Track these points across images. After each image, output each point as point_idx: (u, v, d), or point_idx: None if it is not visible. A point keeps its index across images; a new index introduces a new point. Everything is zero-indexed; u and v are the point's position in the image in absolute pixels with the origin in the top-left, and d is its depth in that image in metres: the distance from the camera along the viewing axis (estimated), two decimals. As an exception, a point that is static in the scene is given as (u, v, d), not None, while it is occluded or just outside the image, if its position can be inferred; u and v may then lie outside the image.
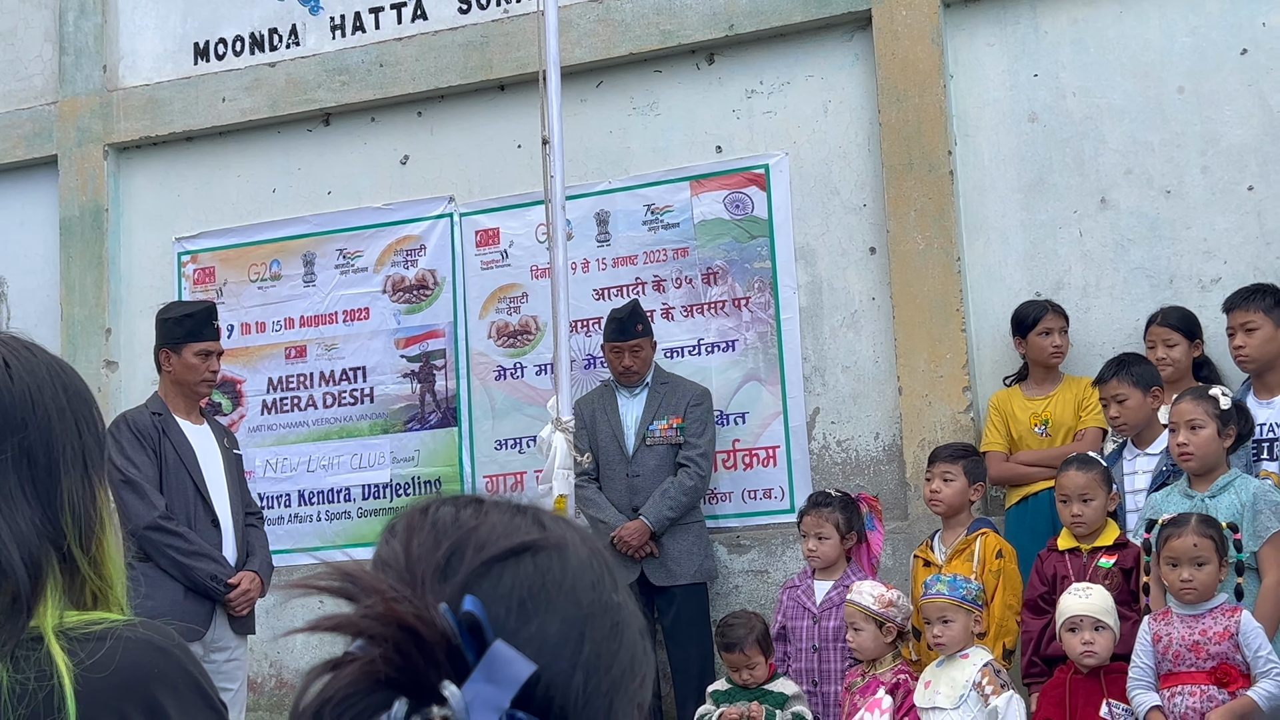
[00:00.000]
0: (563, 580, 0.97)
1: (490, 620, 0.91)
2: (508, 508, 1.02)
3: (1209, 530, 4.49)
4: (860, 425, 6.68)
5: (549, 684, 0.92)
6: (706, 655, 6.14)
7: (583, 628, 0.96)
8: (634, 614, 1.01)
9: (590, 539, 1.05)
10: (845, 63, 6.77)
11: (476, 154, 7.30)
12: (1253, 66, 6.17)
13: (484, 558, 0.96)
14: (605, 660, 0.96)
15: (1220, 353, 5.71)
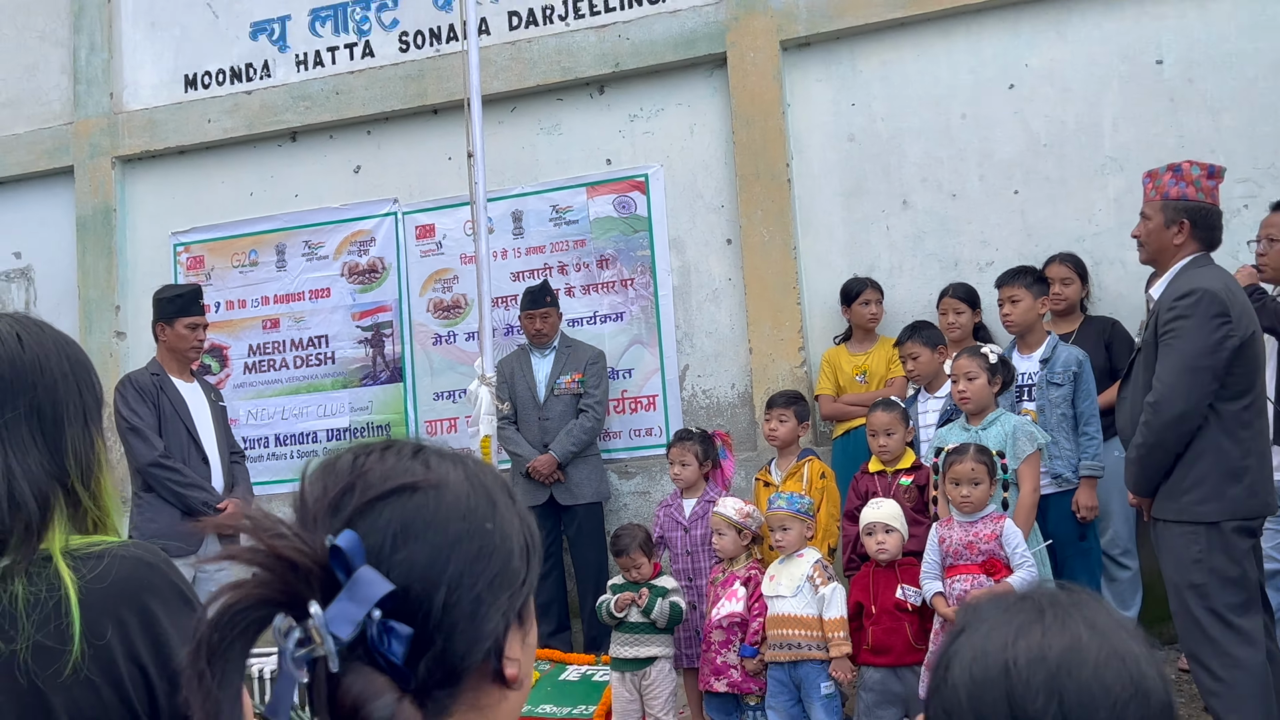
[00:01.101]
0: (434, 514, 0.99)
1: (370, 549, 0.95)
2: (408, 453, 1.05)
3: (982, 457, 4.52)
4: (720, 378, 6.82)
5: (416, 598, 0.95)
6: (602, 559, 6.25)
7: (449, 552, 0.98)
8: (508, 537, 1.03)
9: (478, 476, 1.06)
10: (707, 94, 6.85)
11: (415, 164, 7.31)
12: (1018, 98, 6.32)
13: (367, 497, 0.98)
14: (469, 579, 0.98)
15: (993, 319, 5.82)
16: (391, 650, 0.93)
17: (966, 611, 1.18)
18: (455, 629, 0.97)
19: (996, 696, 1.06)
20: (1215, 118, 6.00)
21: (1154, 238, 4.17)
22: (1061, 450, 5.15)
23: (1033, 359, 5.40)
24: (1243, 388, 3.95)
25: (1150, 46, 6.14)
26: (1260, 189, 5.77)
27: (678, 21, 6.82)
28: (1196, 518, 3.94)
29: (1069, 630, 1.09)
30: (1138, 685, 1.07)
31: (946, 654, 1.13)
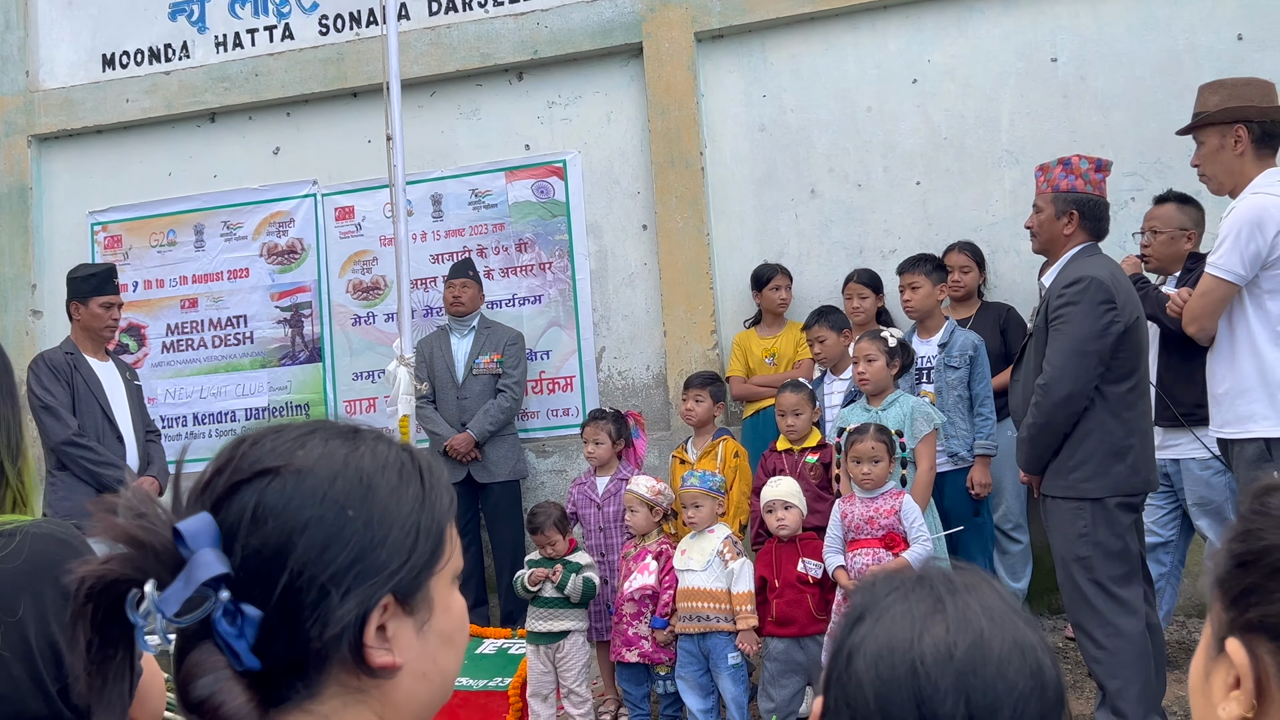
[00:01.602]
0: (287, 500, 0.99)
1: (227, 531, 0.97)
2: (293, 435, 1.06)
3: (882, 436, 4.57)
4: (635, 360, 6.86)
5: (263, 582, 0.97)
6: (519, 535, 6.26)
7: (297, 538, 0.97)
8: (378, 525, 1.00)
9: (361, 461, 1.04)
10: (623, 82, 6.87)
11: (335, 147, 7.23)
12: (920, 93, 6.42)
13: (233, 480, 1.00)
14: (315, 565, 0.97)
15: (895, 304, 5.90)
16: (239, 631, 0.95)
17: (863, 595, 1.17)
18: (300, 614, 0.97)
19: (904, 698, 1.06)
20: (1105, 114, 6.17)
21: (1045, 228, 4.28)
22: (957, 430, 5.27)
23: (931, 343, 5.49)
24: (1127, 371, 4.06)
25: (1046, 45, 6.27)
26: (1146, 183, 5.94)
27: (595, 11, 6.83)
28: (1082, 494, 4.05)
29: (970, 625, 1.10)
30: (1037, 678, 1.09)
31: (846, 644, 1.12)
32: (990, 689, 1.05)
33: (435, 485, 1.08)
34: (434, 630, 1.05)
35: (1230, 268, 3.88)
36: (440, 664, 1.07)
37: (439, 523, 1.06)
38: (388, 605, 1.01)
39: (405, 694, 1.04)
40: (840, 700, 1.10)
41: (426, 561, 1.04)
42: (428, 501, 1.06)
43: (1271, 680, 0.96)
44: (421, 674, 1.04)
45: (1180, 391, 4.84)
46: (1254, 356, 3.89)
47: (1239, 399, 3.93)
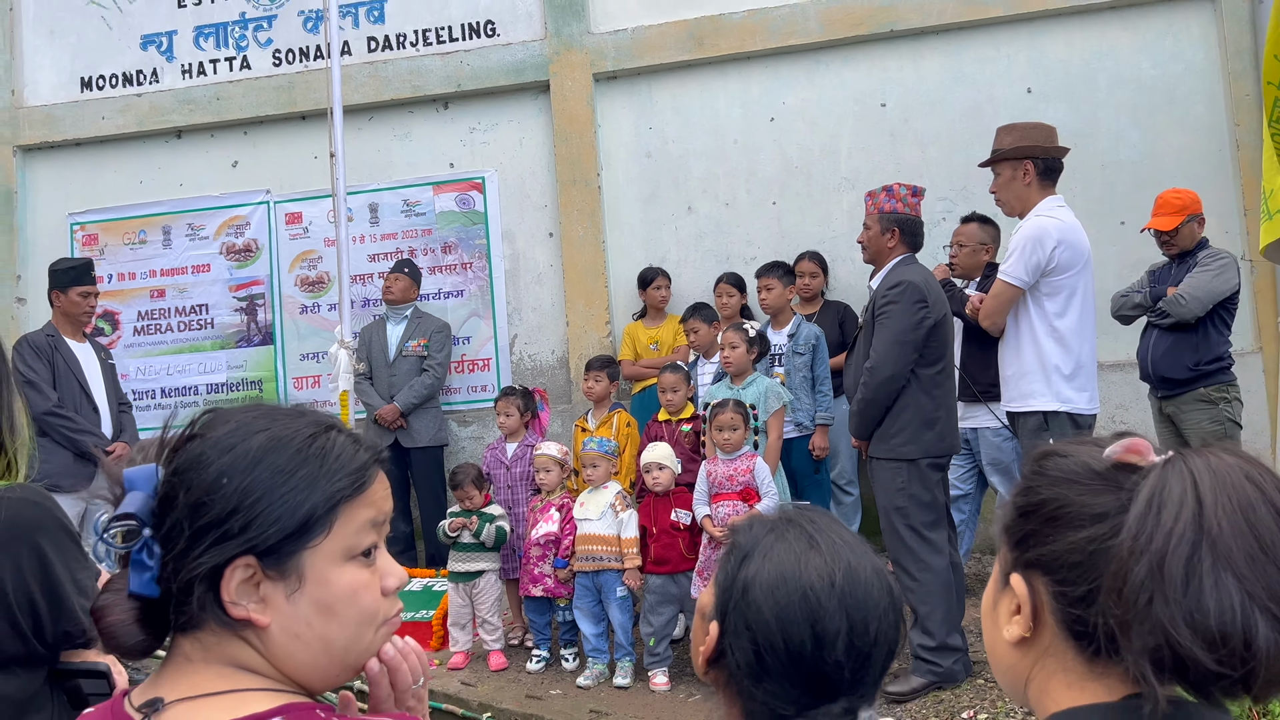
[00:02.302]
0: (191, 463, 0.99)
1: (167, 477, 0.99)
2: (242, 413, 1.05)
3: (739, 409, 4.62)
4: (543, 345, 6.81)
5: (163, 522, 0.98)
6: (441, 493, 6.17)
7: (181, 493, 0.98)
8: (249, 495, 0.97)
9: (267, 441, 1.01)
10: (534, 113, 6.80)
11: (286, 162, 7.01)
12: (777, 129, 6.47)
13: (173, 444, 1.01)
14: (187, 519, 0.97)
15: (754, 302, 5.93)
16: (149, 556, 0.98)
17: (744, 537, 1.20)
18: (175, 555, 0.97)
19: (800, 618, 1.10)
20: (924, 150, 6.31)
21: (873, 242, 4.36)
22: (802, 404, 5.35)
23: (782, 334, 5.56)
24: (936, 357, 4.15)
25: (877, 92, 6.38)
26: (955, 206, 6.09)
27: (509, 53, 6.74)
28: (900, 456, 4.14)
29: (840, 555, 1.15)
30: (890, 595, 1.16)
31: (739, 578, 1.15)
32: (862, 606, 1.12)
33: (330, 474, 1.01)
34: (307, 598, 0.99)
35: (1017, 275, 4.00)
36: (317, 630, 1.00)
37: (315, 504, 0.99)
38: (251, 566, 0.97)
39: (281, 650, 1.00)
40: (740, 624, 1.13)
41: (292, 534, 0.98)
42: (317, 484, 1.00)
43: (1045, 607, 0.99)
44: (295, 635, 0.99)
45: (978, 373, 4.98)
46: (1034, 346, 4.01)
47: (1022, 380, 4.05)
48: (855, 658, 1.11)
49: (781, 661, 1.10)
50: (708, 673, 1.19)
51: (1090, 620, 0.94)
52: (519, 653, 5.20)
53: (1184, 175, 5.81)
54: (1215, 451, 0.93)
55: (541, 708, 4.51)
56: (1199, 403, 4.70)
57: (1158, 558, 0.88)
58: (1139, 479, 0.93)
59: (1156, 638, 0.87)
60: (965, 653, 4.23)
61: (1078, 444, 1.02)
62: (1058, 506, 0.98)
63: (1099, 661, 0.95)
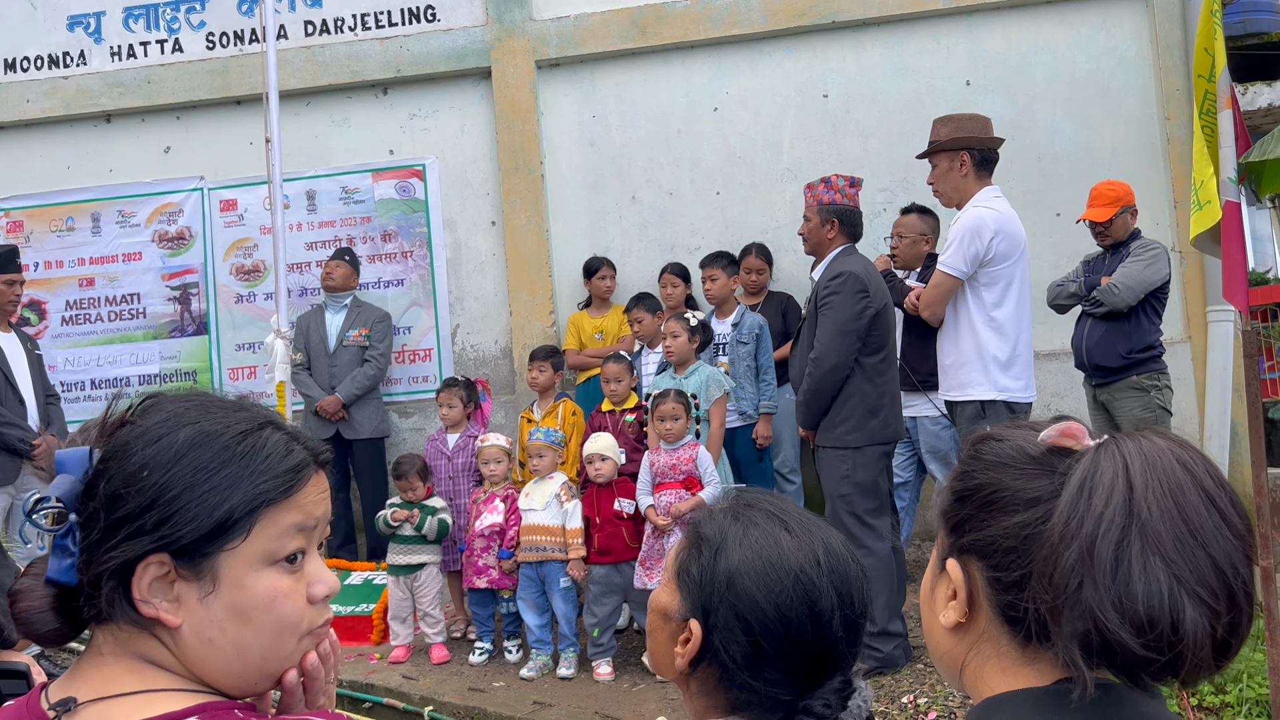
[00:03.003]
0: (118, 450, 0.96)
1: (99, 461, 0.96)
2: (178, 401, 1.01)
3: (681, 399, 4.62)
4: (486, 335, 6.73)
5: (86, 502, 0.95)
6: (382, 485, 6.08)
7: (102, 482, 0.95)
8: (168, 491, 0.94)
9: (191, 437, 0.97)
10: (475, 100, 6.71)
11: (220, 147, 6.84)
12: (720, 118, 6.47)
13: (107, 430, 0.98)
14: (105, 508, 0.94)
15: (699, 292, 5.95)
16: (73, 542, 0.95)
17: (708, 529, 1.18)
18: (89, 545, 0.95)
19: (797, 600, 1.11)
20: (865, 140, 6.35)
21: (813, 234, 4.38)
22: (746, 393, 5.37)
23: (726, 323, 5.57)
24: (878, 346, 4.20)
25: (819, 83, 6.41)
26: (895, 196, 6.15)
27: (450, 39, 6.64)
28: (845, 444, 4.18)
29: (813, 534, 1.17)
30: (859, 564, 1.19)
31: (718, 572, 1.14)
32: (845, 579, 1.14)
33: (255, 474, 0.97)
34: (221, 601, 0.95)
35: (956, 266, 4.04)
36: (231, 635, 0.96)
37: (235, 505, 0.95)
38: (165, 564, 0.93)
39: (193, 652, 0.96)
40: (730, 617, 1.12)
41: (207, 535, 0.94)
42: (239, 485, 0.96)
43: (980, 592, 0.99)
44: (207, 639, 0.95)
45: (918, 363, 5.03)
46: (973, 335, 4.06)
47: (961, 369, 4.10)
48: (849, 630, 1.13)
49: (782, 647, 1.11)
50: (688, 674, 1.17)
51: (1023, 606, 0.94)
52: (461, 645, 5.16)
53: (1117, 167, 5.93)
54: (1148, 435, 0.93)
55: (484, 700, 4.47)
56: (1131, 390, 4.81)
57: (1088, 542, 0.88)
58: (1072, 463, 0.93)
59: (1085, 622, 0.87)
60: (905, 638, 4.28)
61: (1014, 428, 1.02)
62: (993, 491, 0.98)
63: (1031, 646, 0.95)
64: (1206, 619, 0.86)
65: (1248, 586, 0.89)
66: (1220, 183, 2.83)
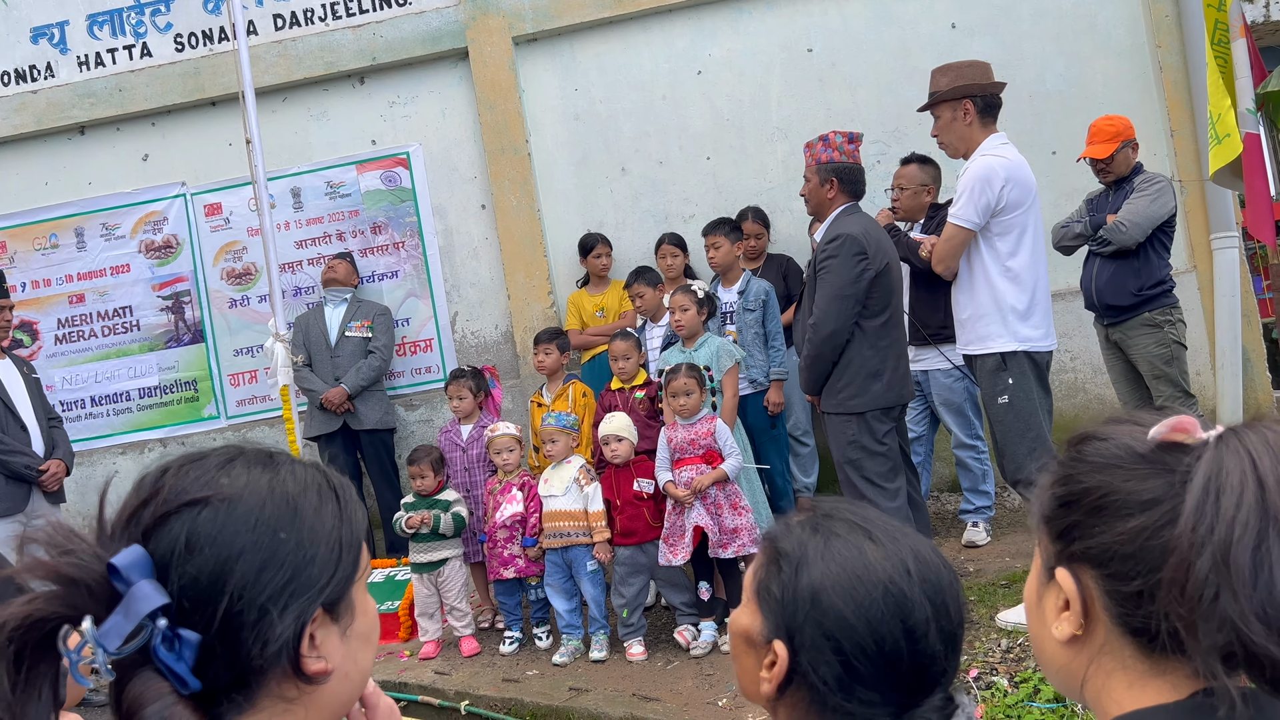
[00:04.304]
0: (221, 527, 0.88)
1: (160, 561, 0.85)
2: (215, 465, 0.94)
3: (693, 373, 4.57)
4: (485, 321, 6.65)
5: (202, 607, 0.86)
6: (394, 478, 6.08)
7: (234, 564, 0.87)
8: (308, 544, 0.91)
9: (284, 485, 0.93)
10: (454, 82, 6.58)
11: (199, 151, 6.70)
12: (705, 82, 6.35)
13: (160, 512, 0.88)
14: (254, 588, 0.87)
15: (699, 261, 5.88)
16: (178, 656, 0.84)
17: (789, 544, 1.12)
18: (240, 634, 0.87)
19: (888, 613, 1.04)
20: (853, 93, 6.24)
21: (814, 195, 4.28)
22: (755, 360, 5.29)
23: (732, 291, 5.48)
24: (880, 308, 4.10)
25: (802, 38, 6.29)
26: (889, 148, 6.06)
27: (424, 21, 6.49)
28: (849, 409, 4.12)
29: (899, 542, 1.10)
30: (950, 568, 1.11)
31: (800, 588, 1.08)
32: (938, 588, 1.07)
33: (350, 501, 0.98)
34: (355, 633, 0.97)
35: (968, 218, 3.96)
36: (360, 663, 0.98)
37: (357, 535, 0.97)
38: (317, 616, 0.92)
39: (330, 695, 0.95)
40: (818, 636, 1.06)
41: (350, 572, 0.95)
42: (345, 516, 0.96)
43: (1095, 602, 0.93)
44: (345, 675, 0.96)
45: (927, 317, 4.97)
46: (989, 287, 3.99)
47: (979, 322, 4.02)
48: (946, 642, 1.07)
49: (875, 665, 1.04)
50: (776, 699, 1.11)
51: (1149, 616, 0.88)
52: (491, 636, 5.13)
53: (1111, 101, 5.83)
54: (1269, 424, 0.87)
55: (520, 690, 4.44)
56: (1145, 327, 4.75)
57: (1222, 549, 0.82)
58: (1190, 460, 0.87)
59: (1227, 635, 0.81)
60: (937, 596, 4.24)
61: (1117, 424, 0.95)
62: (1103, 495, 0.91)
63: (1161, 658, 0.89)
64: None
65: (1395, 578, 0.83)
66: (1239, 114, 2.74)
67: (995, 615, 4.12)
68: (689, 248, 5.94)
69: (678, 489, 4.49)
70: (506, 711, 4.34)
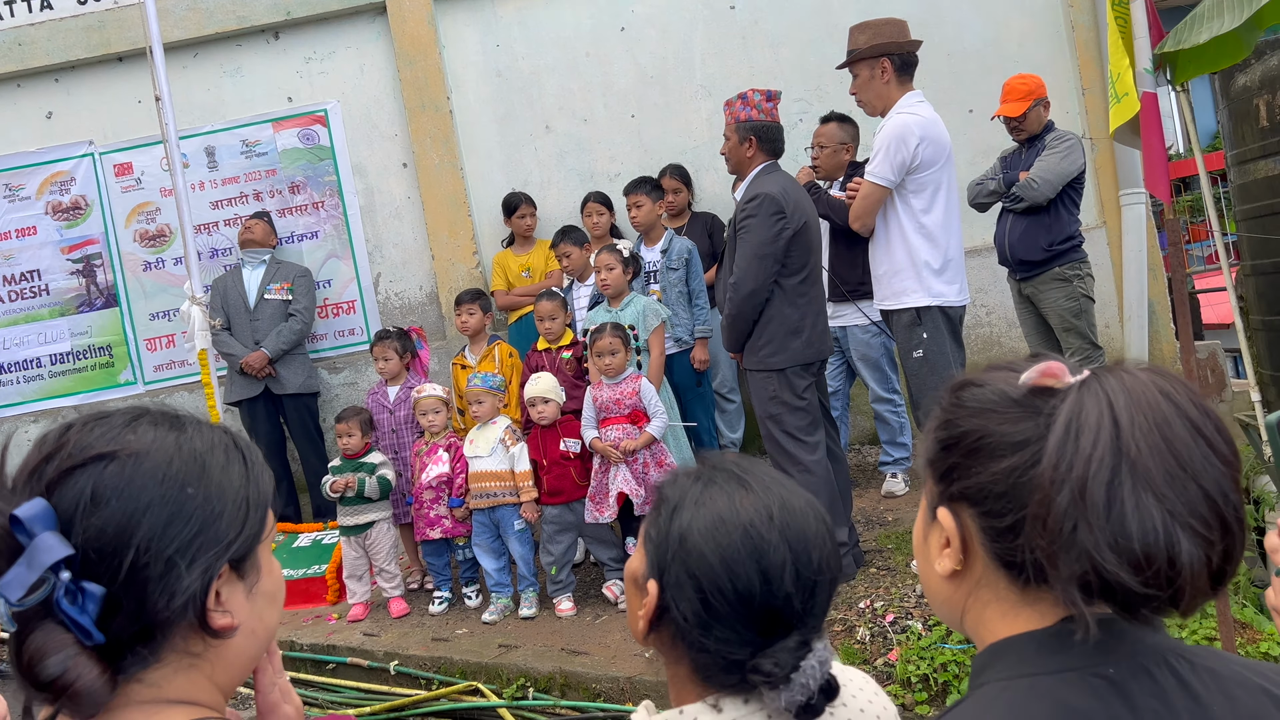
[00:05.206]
0: (127, 482, 0.89)
1: (63, 515, 0.85)
2: (121, 422, 0.94)
3: (618, 332, 4.56)
4: (409, 282, 6.59)
5: (107, 560, 0.86)
6: (319, 441, 6.03)
7: (140, 517, 0.88)
8: (215, 500, 0.92)
9: (191, 443, 0.95)
10: (372, 37, 6.44)
11: (107, 109, 6.48)
12: (629, 38, 6.31)
13: (65, 466, 0.88)
14: (161, 541, 0.88)
15: (624, 220, 5.85)
16: (81, 608, 0.84)
17: (672, 491, 1.18)
18: (146, 588, 0.87)
19: (745, 555, 1.09)
20: (775, 51, 6.26)
21: (733, 154, 4.29)
22: (680, 319, 5.33)
23: (655, 250, 5.50)
24: (799, 266, 4.14)
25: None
26: (811, 106, 6.10)
27: (340, -26, 6.33)
28: (769, 366, 4.18)
29: (772, 491, 1.14)
30: (823, 522, 1.15)
31: (673, 531, 1.13)
32: (801, 536, 1.11)
33: (257, 463, 0.99)
34: (261, 591, 0.98)
35: (883, 175, 4.02)
36: (266, 621, 1.00)
37: (264, 496, 0.98)
38: (223, 572, 0.93)
39: (236, 652, 0.96)
40: (681, 575, 1.11)
41: (257, 531, 0.96)
42: (252, 477, 0.98)
43: (974, 539, 0.98)
44: (251, 631, 0.97)
45: (846, 273, 5.06)
46: (904, 243, 4.07)
47: (894, 278, 4.11)
48: (803, 589, 1.10)
49: (730, 604, 1.09)
50: (649, 636, 1.16)
51: (1019, 550, 0.93)
52: (420, 597, 5.14)
53: (1025, 59, 5.95)
54: (1129, 369, 0.93)
55: (449, 649, 4.48)
56: (1055, 281, 4.90)
57: (1079, 485, 0.87)
58: (1056, 403, 0.92)
59: (1083, 564, 0.86)
60: (855, 546, 4.37)
61: (993, 371, 1.00)
62: (978, 438, 0.96)
63: (1030, 589, 0.95)
64: (1202, 549, 0.86)
65: (1239, 511, 0.89)
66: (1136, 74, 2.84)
67: (910, 563, 4.26)
68: (615, 206, 5.93)
69: (603, 443, 4.52)
70: (436, 670, 4.38)
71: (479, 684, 4.20)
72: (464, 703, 4.18)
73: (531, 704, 4.04)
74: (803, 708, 1.07)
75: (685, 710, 1.14)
